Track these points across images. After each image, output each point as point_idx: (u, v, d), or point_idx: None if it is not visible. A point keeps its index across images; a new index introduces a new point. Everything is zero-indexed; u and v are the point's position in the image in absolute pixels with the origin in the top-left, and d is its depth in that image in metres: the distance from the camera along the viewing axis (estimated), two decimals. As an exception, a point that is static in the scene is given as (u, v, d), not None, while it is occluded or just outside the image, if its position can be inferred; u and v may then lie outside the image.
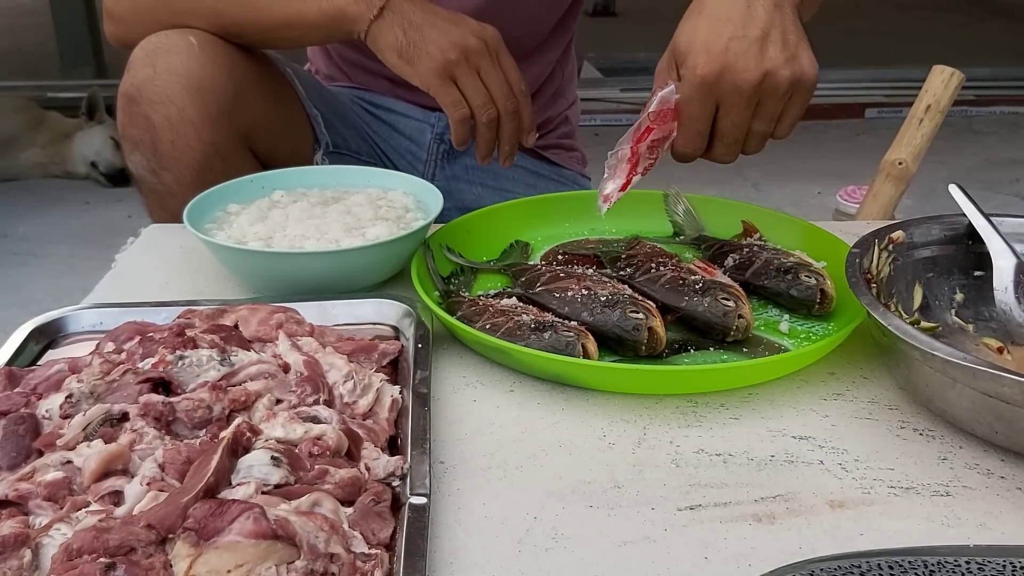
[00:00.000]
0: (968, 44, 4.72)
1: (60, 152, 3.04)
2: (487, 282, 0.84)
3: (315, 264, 0.77)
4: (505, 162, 0.97)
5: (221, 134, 0.97)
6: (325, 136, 1.13)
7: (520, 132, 0.96)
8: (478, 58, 0.90)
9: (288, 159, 1.05)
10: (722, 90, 0.73)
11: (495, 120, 0.92)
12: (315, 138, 1.13)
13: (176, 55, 0.94)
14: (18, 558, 0.45)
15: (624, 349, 0.70)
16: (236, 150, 1.00)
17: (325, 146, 1.13)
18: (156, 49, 0.95)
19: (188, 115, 0.94)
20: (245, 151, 1.03)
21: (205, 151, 0.96)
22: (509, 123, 0.93)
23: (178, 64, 0.94)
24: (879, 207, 1.22)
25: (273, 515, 0.45)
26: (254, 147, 1.04)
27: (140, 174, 1.00)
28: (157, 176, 0.98)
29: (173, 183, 0.98)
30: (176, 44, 0.95)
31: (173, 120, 0.94)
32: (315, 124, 1.12)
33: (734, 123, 0.75)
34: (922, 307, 0.73)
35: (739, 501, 0.55)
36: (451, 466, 0.58)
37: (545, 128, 1.28)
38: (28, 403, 0.56)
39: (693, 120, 0.76)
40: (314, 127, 1.12)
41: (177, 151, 0.96)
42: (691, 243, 0.90)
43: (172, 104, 0.94)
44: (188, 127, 0.95)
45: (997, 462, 0.59)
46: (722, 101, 0.74)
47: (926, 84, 1.20)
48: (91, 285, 0.84)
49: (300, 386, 0.59)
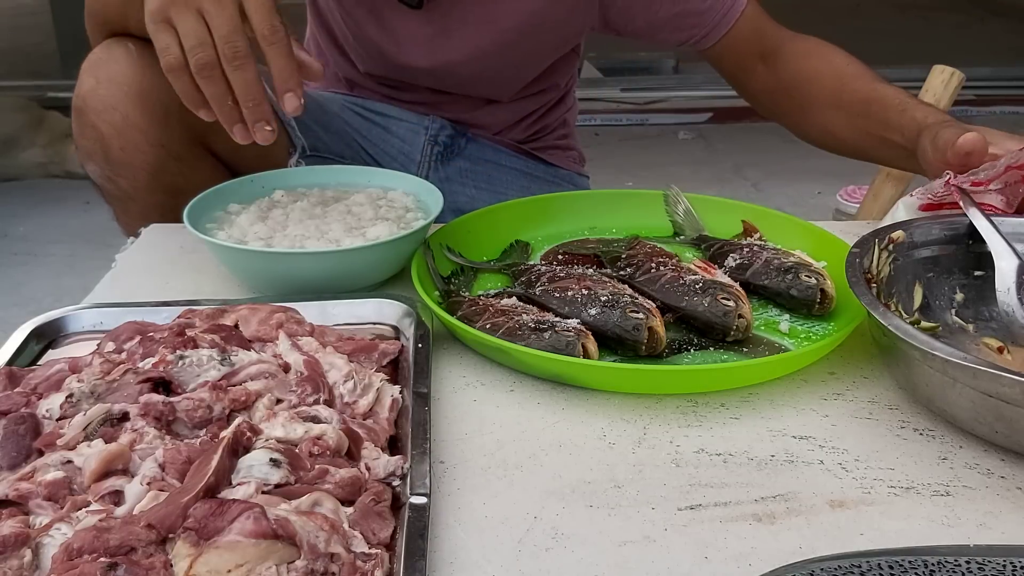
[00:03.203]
0: (968, 44, 4.72)
1: (60, 152, 3.04)
2: (487, 282, 0.84)
3: (315, 264, 0.77)
4: (255, 135, 0.77)
5: (171, 136, 0.96)
6: (301, 140, 1.13)
7: (253, 87, 0.75)
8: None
9: (255, 161, 1.02)
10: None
11: (211, 67, 0.74)
12: (291, 142, 1.13)
13: (115, 63, 0.94)
14: (18, 558, 0.45)
15: (624, 349, 0.70)
16: (191, 151, 1.00)
17: (301, 149, 1.13)
18: (97, 60, 0.96)
19: (133, 120, 0.94)
20: (202, 151, 1.02)
21: (156, 154, 0.96)
22: (235, 72, 0.74)
23: (117, 72, 0.94)
24: (879, 207, 1.22)
25: (273, 515, 0.45)
26: (213, 148, 1.03)
27: (99, 183, 1.00)
28: (114, 183, 0.98)
29: (129, 188, 0.98)
30: (114, 53, 0.95)
31: (119, 127, 0.94)
32: (288, 128, 1.11)
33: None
34: (922, 307, 0.73)
35: (739, 501, 0.55)
36: (451, 466, 0.58)
37: (542, 133, 1.28)
38: (28, 403, 0.56)
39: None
40: (288, 131, 1.12)
41: (128, 156, 0.96)
42: (691, 243, 0.90)
43: (116, 111, 0.94)
44: (135, 132, 0.95)
45: (997, 462, 0.59)
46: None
47: (926, 84, 1.20)
48: (91, 285, 0.84)
49: (300, 386, 0.59)
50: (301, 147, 1.13)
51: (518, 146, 1.26)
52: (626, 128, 3.60)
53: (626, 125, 3.63)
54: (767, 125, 1.25)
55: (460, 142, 1.23)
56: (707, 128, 3.62)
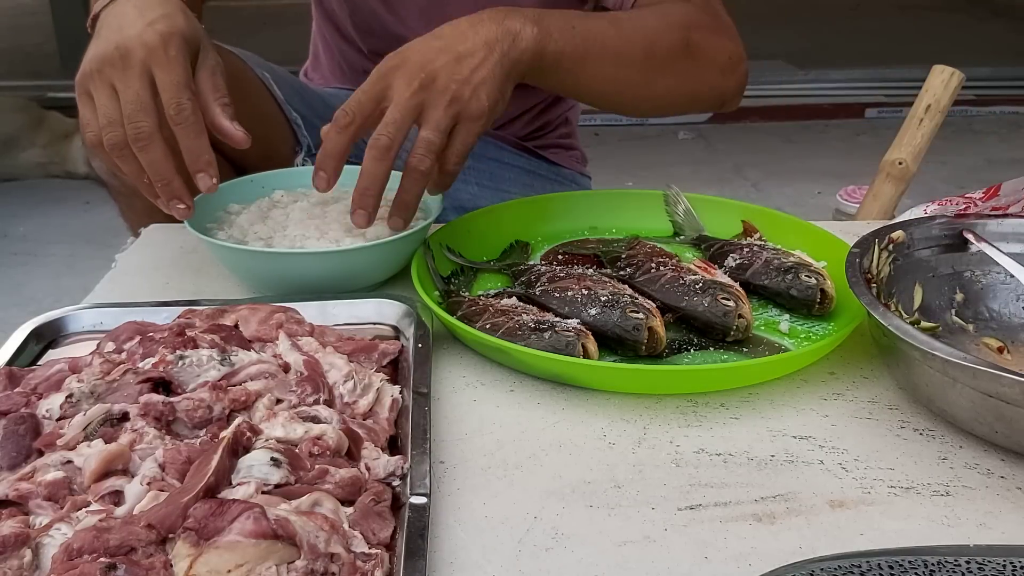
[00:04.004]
0: (968, 44, 4.72)
1: (60, 152, 3.05)
2: (487, 282, 0.84)
3: (315, 264, 0.77)
4: (169, 207, 0.76)
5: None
6: (307, 139, 1.12)
7: (159, 167, 0.74)
8: (110, 71, 0.74)
9: (261, 160, 1.01)
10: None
11: (122, 146, 0.74)
12: (296, 140, 1.13)
13: None
14: (18, 558, 0.45)
15: (624, 349, 0.70)
16: None
17: (307, 148, 1.13)
18: None
19: None
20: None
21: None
22: (140, 153, 0.73)
23: None
24: (879, 207, 1.22)
25: (273, 515, 0.45)
26: (218, 145, 1.03)
27: (105, 177, 0.99)
28: (118, 178, 0.97)
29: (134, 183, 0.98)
30: None
31: None
32: (295, 127, 1.11)
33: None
34: (922, 307, 0.73)
35: (739, 501, 0.55)
36: (451, 466, 0.58)
37: (544, 129, 1.28)
38: (28, 403, 0.56)
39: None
40: (294, 129, 1.12)
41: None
42: (691, 243, 0.90)
43: None
44: None
45: (997, 462, 0.59)
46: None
47: (926, 84, 1.20)
48: (91, 285, 0.84)
49: (300, 386, 0.59)
50: (307, 145, 1.13)
51: (520, 143, 1.26)
52: (626, 128, 3.61)
53: (626, 125, 3.63)
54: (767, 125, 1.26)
55: None
56: (707, 128, 3.63)
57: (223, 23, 4.33)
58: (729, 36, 0.95)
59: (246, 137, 0.78)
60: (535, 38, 0.79)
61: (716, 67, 0.94)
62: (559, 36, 0.81)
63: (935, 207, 0.79)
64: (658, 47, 0.88)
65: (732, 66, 0.95)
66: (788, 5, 5.58)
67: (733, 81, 0.96)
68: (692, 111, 0.99)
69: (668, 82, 0.91)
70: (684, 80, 0.93)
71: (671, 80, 0.91)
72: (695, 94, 0.95)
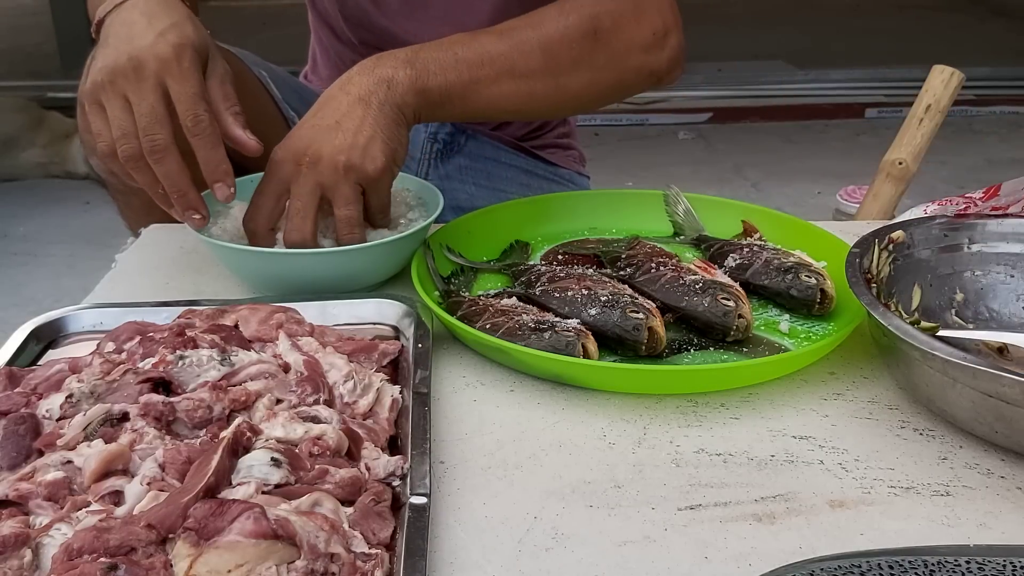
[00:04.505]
0: (968, 44, 4.72)
1: (60, 152, 3.05)
2: (487, 282, 0.84)
3: (315, 264, 0.77)
4: (185, 216, 0.78)
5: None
6: None
7: (175, 178, 0.75)
8: (123, 82, 0.75)
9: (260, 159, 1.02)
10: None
11: (136, 158, 0.74)
12: None
13: None
14: (18, 558, 0.45)
15: (624, 349, 0.70)
16: None
17: None
18: None
19: None
20: None
21: None
22: (156, 165, 0.74)
23: None
24: (879, 207, 1.22)
25: (273, 515, 0.45)
26: None
27: (103, 175, 0.99)
28: (117, 177, 0.98)
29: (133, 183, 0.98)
30: None
31: None
32: (292, 125, 1.11)
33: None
34: (922, 307, 0.73)
35: (739, 501, 0.55)
36: (451, 466, 0.58)
37: (542, 129, 1.28)
38: (28, 403, 0.56)
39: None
40: (291, 127, 1.11)
41: None
42: (691, 243, 0.90)
43: None
44: None
45: (997, 462, 0.59)
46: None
47: (926, 84, 1.20)
48: (91, 285, 0.84)
49: (300, 386, 0.59)
50: None
51: (518, 143, 1.26)
52: (626, 128, 3.61)
53: (626, 125, 3.63)
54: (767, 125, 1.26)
55: (460, 139, 1.23)
56: (707, 128, 3.63)
57: (223, 23, 4.34)
58: (653, 10, 0.91)
59: (259, 146, 0.79)
60: (410, 79, 0.79)
61: (637, 47, 0.90)
62: (438, 70, 0.81)
63: (935, 207, 0.79)
64: (559, 48, 0.86)
65: (658, 41, 0.91)
66: (788, 5, 5.59)
67: (664, 56, 0.91)
68: (623, 96, 0.96)
69: (582, 78, 0.88)
70: (601, 71, 0.89)
71: (585, 75, 0.88)
72: (619, 81, 0.92)
